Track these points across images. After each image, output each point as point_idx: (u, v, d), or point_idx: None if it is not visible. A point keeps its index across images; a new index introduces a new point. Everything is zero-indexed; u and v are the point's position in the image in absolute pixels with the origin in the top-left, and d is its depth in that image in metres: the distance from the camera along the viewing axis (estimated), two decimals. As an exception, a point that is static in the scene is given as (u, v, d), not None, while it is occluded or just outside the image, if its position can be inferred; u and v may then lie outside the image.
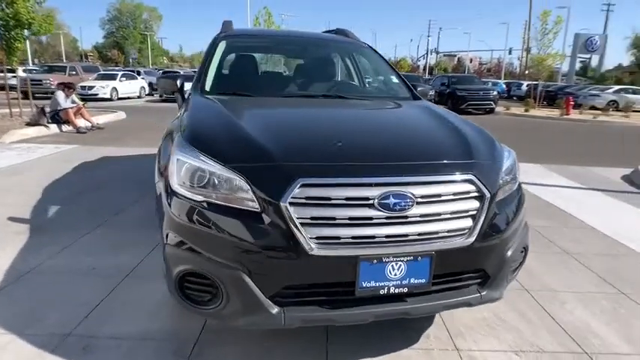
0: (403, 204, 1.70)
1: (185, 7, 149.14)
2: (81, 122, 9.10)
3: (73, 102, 9.23)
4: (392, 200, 1.69)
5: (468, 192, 1.83)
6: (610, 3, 42.31)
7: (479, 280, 1.94)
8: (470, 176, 1.84)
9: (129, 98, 20.28)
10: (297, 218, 1.63)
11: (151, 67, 48.87)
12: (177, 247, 1.80)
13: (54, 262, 2.94)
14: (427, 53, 65.43)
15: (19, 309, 2.38)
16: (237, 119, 2.16)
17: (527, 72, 39.81)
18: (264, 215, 1.66)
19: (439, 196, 1.77)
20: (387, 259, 1.70)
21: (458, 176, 1.83)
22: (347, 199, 1.68)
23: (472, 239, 1.80)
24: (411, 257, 1.73)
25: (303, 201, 1.65)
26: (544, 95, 22.63)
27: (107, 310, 2.39)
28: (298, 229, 1.63)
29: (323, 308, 1.74)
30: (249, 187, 1.68)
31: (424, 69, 60.96)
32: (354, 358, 2.06)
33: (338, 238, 1.66)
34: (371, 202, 1.68)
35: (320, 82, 3.11)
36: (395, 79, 3.35)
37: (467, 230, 1.81)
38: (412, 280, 1.76)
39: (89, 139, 8.21)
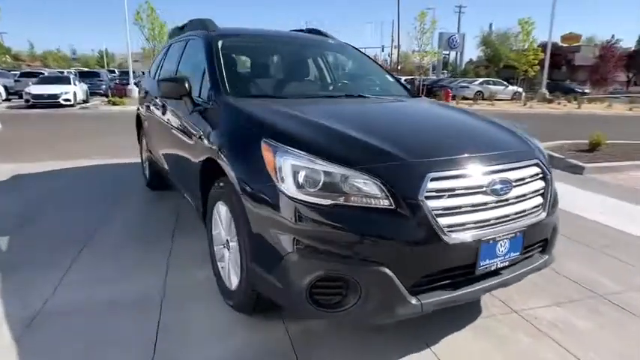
0: (506, 189, 1.92)
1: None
2: (-43, 136, 7.48)
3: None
4: (499, 186, 1.90)
5: (537, 174, 2.13)
6: (462, 5, 48.81)
7: (541, 248, 2.27)
8: (536, 160, 2.15)
9: (-21, 105, 17.08)
10: (433, 210, 1.74)
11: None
12: (303, 255, 1.76)
13: (59, 301, 2.51)
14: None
15: (62, 358, 2.02)
16: (318, 120, 2.16)
17: (399, 67, 43.91)
18: (400, 211, 1.73)
19: (524, 179, 2.04)
20: (498, 239, 1.91)
21: (531, 161, 2.12)
22: (467, 188, 1.84)
23: (545, 213, 2.11)
24: (513, 234, 1.96)
25: (434, 194, 1.77)
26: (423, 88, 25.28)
27: (175, 342, 2.15)
28: (435, 221, 1.74)
29: (448, 290, 1.87)
30: (382, 187, 1.73)
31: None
32: (445, 335, 2.23)
33: (464, 224, 1.82)
34: (484, 189, 1.87)
35: (339, 82, 3.17)
36: (390, 79, 3.56)
37: (541, 206, 2.11)
38: (512, 254, 2.00)
39: (-26, 156, 6.81)
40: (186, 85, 2.78)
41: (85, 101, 18.90)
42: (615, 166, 6.51)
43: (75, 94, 17.72)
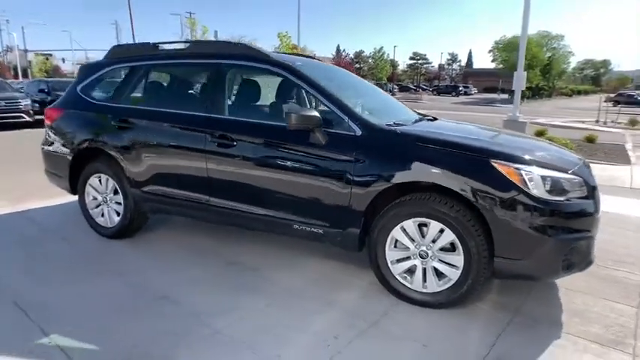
0: None
1: None
2: None
3: None
4: None
5: None
6: (191, 12, 47.80)
7: None
8: None
9: None
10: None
11: None
12: (558, 237, 2.50)
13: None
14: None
15: None
16: (483, 138, 3.15)
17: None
18: (589, 195, 2.68)
19: None
20: None
21: None
22: None
23: None
24: None
25: None
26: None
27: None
28: None
29: None
30: (583, 182, 2.67)
31: (14, 70, 48.19)
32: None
33: None
34: None
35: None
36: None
37: None
38: None
39: None
40: (320, 117, 2.86)
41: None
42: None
43: None
